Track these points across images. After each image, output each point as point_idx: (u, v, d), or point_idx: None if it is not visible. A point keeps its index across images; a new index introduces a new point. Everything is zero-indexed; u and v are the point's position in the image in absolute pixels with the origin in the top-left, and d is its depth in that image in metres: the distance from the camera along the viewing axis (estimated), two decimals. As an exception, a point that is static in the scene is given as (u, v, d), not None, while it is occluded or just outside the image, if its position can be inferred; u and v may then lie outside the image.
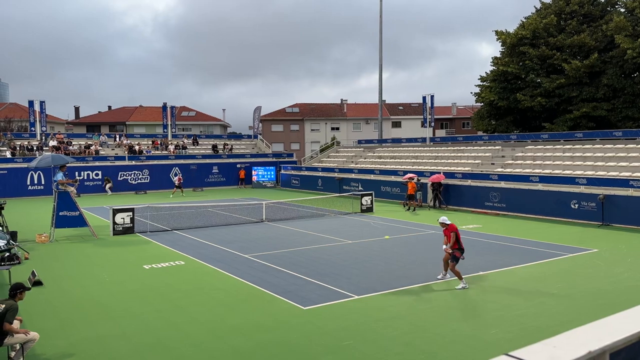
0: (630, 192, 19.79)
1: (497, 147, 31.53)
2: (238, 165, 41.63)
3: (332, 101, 73.38)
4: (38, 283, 11.67)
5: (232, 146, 45.53)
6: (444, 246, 11.58)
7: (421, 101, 39.12)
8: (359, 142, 45.41)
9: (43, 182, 33.75)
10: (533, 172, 25.29)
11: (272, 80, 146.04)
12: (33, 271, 11.93)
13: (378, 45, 43.00)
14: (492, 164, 29.28)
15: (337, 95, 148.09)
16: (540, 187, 22.83)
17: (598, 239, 17.15)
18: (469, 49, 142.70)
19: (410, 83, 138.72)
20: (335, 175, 35.23)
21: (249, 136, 51.03)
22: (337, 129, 66.67)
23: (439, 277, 11.89)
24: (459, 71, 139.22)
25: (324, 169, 37.74)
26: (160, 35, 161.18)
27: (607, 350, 1.37)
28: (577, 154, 26.11)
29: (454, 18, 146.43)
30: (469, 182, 26.16)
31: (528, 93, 40.67)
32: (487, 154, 30.84)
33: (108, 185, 35.99)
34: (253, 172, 41.27)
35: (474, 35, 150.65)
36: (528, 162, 27.53)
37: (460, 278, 11.18)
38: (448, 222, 11.50)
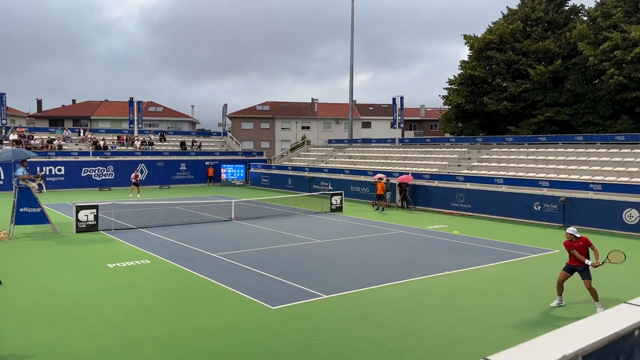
0: (590, 195, 20.48)
1: (463, 149, 32.13)
2: (207, 163, 41.13)
3: (305, 100, 73.26)
4: (-4, 282, 11.24)
5: (200, 143, 44.94)
6: (587, 261, 9.65)
7: (391, 102, 39.48)
8: (330, 141, 45.50)
9: (2, 177, 32.56)
10: (498, 174, 25.88)
11: (254, 78, 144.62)
12: (-9, 269, 11.49)
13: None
14: (459, 165, 29.82)
15: (318, 94, 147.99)
16: (504, 189, 23.39)
17: (559, 240, 17.54)
18: (452, 52, 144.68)
19: (394, 84, 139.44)
20: (305, 174, 35.21)
21: (219, 133, 50.46)
22: (308, 128, 66.64)
23: (554, 304, 10.09)
24: (441, 73, 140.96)
25: (294, 168, 37.67)
26: (143, 29, 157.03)
27: (580, 353, 1.41)
28: (541, 157, 26.85)
29: (443, 19, 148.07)
30: (436, 183, 26.57)
31: (494, 97, 41.58)
32: (454, 156, 31.39)
33: (38, 182, 27.32)
34: (222, 170, 40.83)
35: (458, 37, 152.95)
36: (493, 164, 28.15)
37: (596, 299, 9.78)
38: (578, 235, 9.84)
